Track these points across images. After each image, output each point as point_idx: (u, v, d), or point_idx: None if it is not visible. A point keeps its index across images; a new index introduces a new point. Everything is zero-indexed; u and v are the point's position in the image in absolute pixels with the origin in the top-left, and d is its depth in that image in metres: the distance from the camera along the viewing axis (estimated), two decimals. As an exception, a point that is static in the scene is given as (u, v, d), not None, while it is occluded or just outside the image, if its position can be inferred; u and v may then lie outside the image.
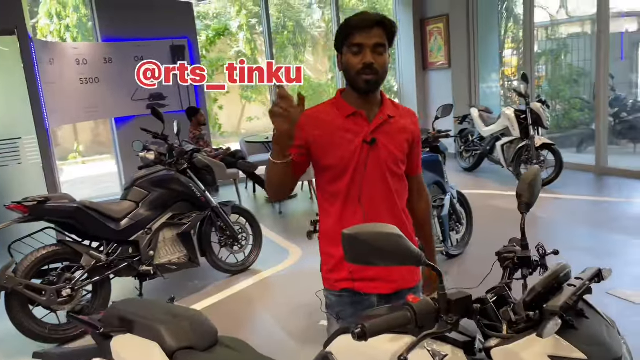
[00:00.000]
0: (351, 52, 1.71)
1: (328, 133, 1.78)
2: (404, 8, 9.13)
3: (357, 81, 1.73)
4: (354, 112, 1.78)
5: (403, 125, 1.84)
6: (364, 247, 1.21)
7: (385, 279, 1.81)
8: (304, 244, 5.30)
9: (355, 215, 1.80)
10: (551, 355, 1.15)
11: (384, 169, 1.79)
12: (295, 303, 4.01)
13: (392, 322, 1.21)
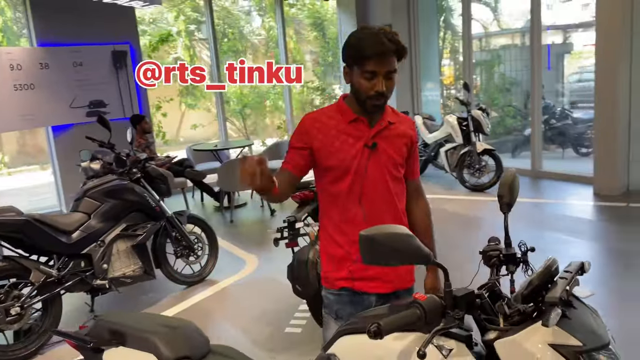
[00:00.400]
0: (364, 76, 1.74)
1: (331, 137, 1.85)
2: (348, 18, 9.31)
3: (366, 104, 1.79)
4: (356, 118, 1.85)
5: (402, 131, 1.92)
6: (380, 248, 1.25)
7: (384, 279, 1.88)
8: (260, 253, 5.28)
9: (356, 217, 1.87)
10: (551, 344, 1.23)
11: (384, 172, 1.87)
12: (257, 312, 3.98)
13: (405, 320, 1.25)
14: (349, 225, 1.87)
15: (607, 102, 6.02)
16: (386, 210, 1.88)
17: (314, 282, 3.18)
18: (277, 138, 9.93)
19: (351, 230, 1.85)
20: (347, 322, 1.58)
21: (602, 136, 6.20)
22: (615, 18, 5.79)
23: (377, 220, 1.76)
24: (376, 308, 1.59)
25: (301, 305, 4.00)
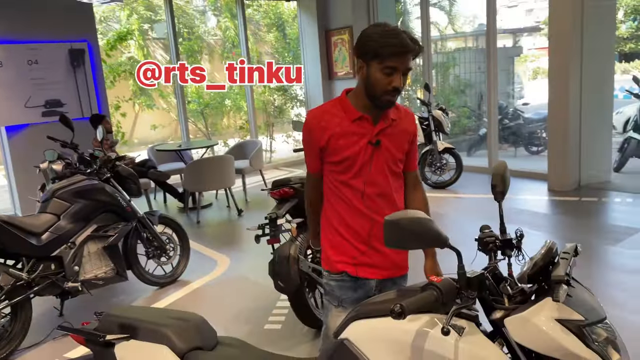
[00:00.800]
0: (383, 71, 1.80)
1: (335, 135, 1.92)
2: (309, 19, 9.38)
3: (381, 99, 1.85)
4: (360, 116, 1.92)
5: (404, 127, 2.01)
6: (404, 232, 1.32)
7: (381, 266, 1.99)
8: (231, 252, 5.26)
9: (358, 211, 1.96)
10: (557, 319, 1.33)
11: (385, 168, 1.95)
12: (234, 310, 3.97)
13: (424, 301, 1.33)
14: (352, 218, 1.97)
15: (560, 103, 6.35)
16: (385, 206, 1.96)
17: (295, 278, 3.23)
18: (239, 138, 9.87)
19: (354, 222, 1.97)
20: (357, 308, 1.63)
21: (555, 135, 6.54)
22: (566, 22, 6.12)
23: (381, 216, 1.82)
24: (384, 294, 1.66)
25: (279, 302, 4.03)
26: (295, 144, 10.40)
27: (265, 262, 4.87)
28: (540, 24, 24.35)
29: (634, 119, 7.82)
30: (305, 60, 9.70)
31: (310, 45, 9.47)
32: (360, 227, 1.97)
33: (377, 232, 1.92)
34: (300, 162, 9.94)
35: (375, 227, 1.93)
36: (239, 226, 6.31)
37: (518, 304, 1.46)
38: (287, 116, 10.23)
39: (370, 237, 1.96)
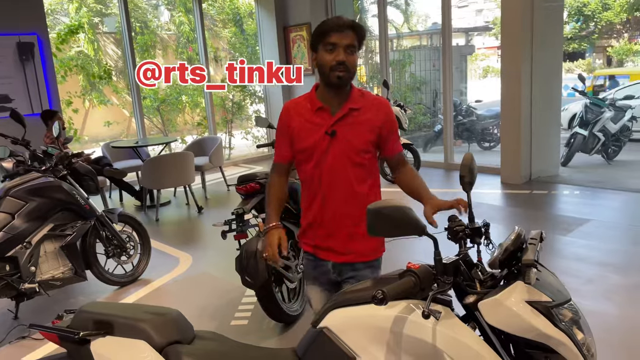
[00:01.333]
0: (326, 50, 1.92)
1: (300, 124, 2.05)
2: (267, 15, 9.35)
3: (330, 77, 1.94)
4: (320, 106, 2.02)
5: (368, 117, 2.02)
6: (385, 221, 1.36)
7: (338, 251, 2.08)
8: (193, 250, 5.20)
9: (316, 198, 2.07)
10: (527, 300, 1.41)
11: (344, 158, 1.99)
12: (199, 308, 3.93)
13: (403, 287, 1.37)
14: (312, 204, 2.09)
15: (512, 100, 6.60)
16: (343, 193, 2.02)
17: (263, 273, 3.23)
18: (197, 135, 9.72)
19: (314, 208, 2.09)
20: (334, 297, 1.67)
21: (507, 131, 6.79)
22: (517, 22, 6.36)
23: (334, 201, 2.03)
24: (361, 282, 1.69)
25: (244, 297, 4.03)
26: (256, 141, 10.35)
27: (228, 258, 4.87)
28: (490, 24, 25.19)
29: (579, 116, 8.22)
30: (264, 56, 9.66)
31: (269, 42, 9.44)
32: (318, 213, 2.08)
33: (332, 220, 2.05)
34: (260, 159, 9.91)
35: (330, 215, 2.04)
36: (200, 223, 6.23)
37: (489, 288, 1.53)
38: (246, 113, 10.16)
39: (326, 223, 2.07)
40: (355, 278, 2.05)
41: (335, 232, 2.06)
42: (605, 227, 5.02)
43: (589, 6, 22.83)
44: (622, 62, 22.32)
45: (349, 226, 2.05)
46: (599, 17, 23.01)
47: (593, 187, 6.62)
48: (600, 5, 22.70)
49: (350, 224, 2.05)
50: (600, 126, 8.11)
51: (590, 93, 10.11)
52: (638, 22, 23.66)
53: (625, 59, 21.85)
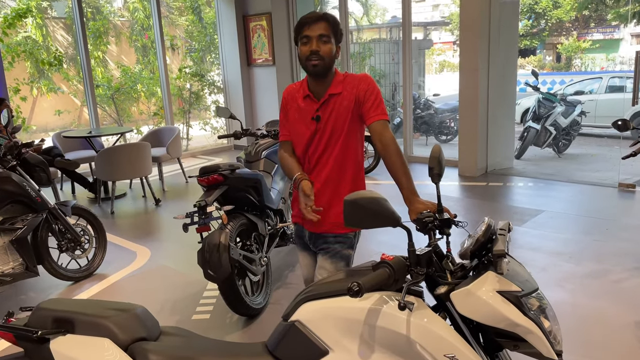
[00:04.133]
0: (302, 43, 2.10)
1: (293, 109, 2.26)
2: (226, 3, 9.16)
3: (307, 66, 2.12)
4: (307, 94, 2.20)
5: (347, 96, 2.14)
6: (361, 212, 1.34)
7: (316, 224, 2.20)
8: (151, 243, 5.06)
9: (308, 176, 2.21)
10: (498, 290, 1.43)
11: (331, 141, 2.16)
12: (158, 302, 3.84)
13: (378, 279, 1.37)
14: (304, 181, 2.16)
15: (470, 94, 6.74)
16: (334, 177, 2.19)
17: (226, 266, 3.17)
18: (152, 125, 9.45)
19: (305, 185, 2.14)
20: (305, 291, 1.64)
21: (465, 125, 6.93)
22: (476, 17, 6.48)
23: (325, 184, 2.18)
24: (332, 275, 1.68)
25: (205, 291, 3.96)
26: (214, 132, 10.17)
27: (187, 251, 4.78)
28: (446, 19, 25.63)
29: (532, 110, 8.49)
30: (223, 45, 9.48)
31: (228, 31, 9.27)
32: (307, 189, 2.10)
33: (316, 192, 2.17)
34: (220, 150, 9.75)
35: (316, 189, 2.18)
36: (158, 216, 6.08)
37: (459, 279, 1.54)
38: (204, 103, 9.96)
39: (313, 177, 2.22)
40: (325, 250, 2.21)
41: (322, 190, 2.20)
42: (558, 218, 5.21)
43: (540, 4, 23.57)
44: (570, 59, 23.20)
45: (329, 194, 2.20)
46: (549, 14, 23.80)
47: (545, 179, 6.86)
48: (550, 3, 23.48)
49: (330, 192, 2.19)
50: (552, 120, 8.41)
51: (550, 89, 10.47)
52: (586, 21, 24.64)
53: (573, 56, 22.71)
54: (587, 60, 22.01)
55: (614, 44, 24.90)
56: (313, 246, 2.29)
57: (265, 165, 4.07)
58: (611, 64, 21.08)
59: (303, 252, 2.39)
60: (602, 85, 11.70)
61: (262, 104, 9.04)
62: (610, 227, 4.83)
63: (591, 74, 13.79)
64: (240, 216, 3.53)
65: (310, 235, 2.28)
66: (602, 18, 24.93)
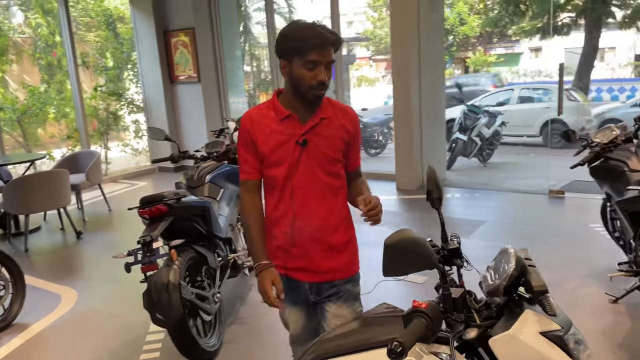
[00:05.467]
0: (305, 67, 1.76)
1: (265, 135, 1.86)
2: (144, 17, 8.65)
3: (308, 95, 1.80)
4: (287, 115, 1.85)
5: (338, 124, 1.90)
6: (402, 256, 1.13)
7: (315, 270, 1.90)
8: (76, 283, 4.52)
9: (288, 212, 1.89)
10: (541, 332, 1.26)
11: (316, 169, 1.86)
12: (95, 351, 3.38)
13: (418, 332, 1.15)
14: (282, 218, 1.90)
15: (404, 108, 6.77)
16: (318, 207, 1.88)
17: (177, 307, 2.83)
18: (66, 149, 8.67)
19: (283, 223, 1.90)
20: (313, 349, 1.39)
21: (401, 139, 6.95)
22: (407, 34, 6.53)
23: (308, 216, 1.87)
24: (343, 325, 1.44)
25: (148, 335, 3.54)
26: (135, 153, 9.52)
27: (121, 289, 4.30)
28: (361, 35, 26.27)
29: (459, 122, 8.73)
30: (142, 62, 8.93)
31: (147, 47, 8.75)
32: (287, 226, 1.89)
33: (302, 233, 1.87)
34: (142, 174, 9.14)
35: (301, 227, 1.87)
36: (81, 251, 5.48)
37: (486, 318, 1.36)
38: (122, 123, 9.31)
39: (294, 238, 1.88)
40: (337, 295, 1.90)
41: (310, 250, 1.88)
42: (499, 228, 5.29)
43: (448, 20, 24.80)
44: (478, 72, 24.54)
45: (326, 242, 1.89)
46: (456, 31, 25.09)
47: (478, 188, 7.02)
48: (457, 20, 24.76)
49: (327, 240, 1.89)
50: (477, 131, 8.70)
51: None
52: (490, 36, 26.23)
53: (481, 69, 24.04)
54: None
55: (515, 57, 26.75)
56: (317, 295, 1.94)
57: (210, 191, 3.74)
58: (515, 77, 22.53)
59: (293, 307, 1.98)
60: (514, 96, 12.36)
61: (189, 123, 8.58)
62: (551, 234, 4.96)
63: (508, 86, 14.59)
64: (188, 249, 3.18)
65: (311, 286, 1.93)
66: (504, 34, 26.73)
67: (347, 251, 1.94)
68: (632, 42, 21.24)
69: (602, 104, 13.14)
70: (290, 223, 1.87)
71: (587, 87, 14.03)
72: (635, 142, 3.48)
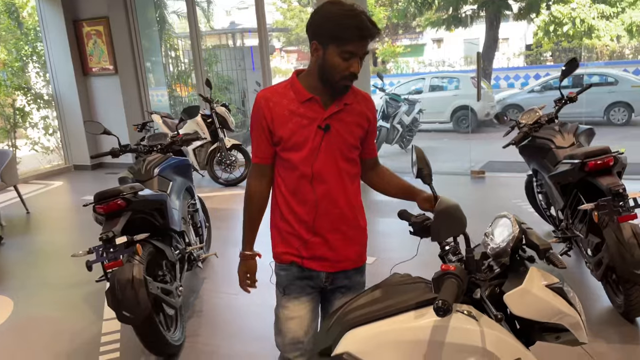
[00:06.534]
0: (342, 56, 1.68)
1: (284, 117, 1.77)
2: (51, 7, 8.05)
3: (338, 84, 1.74)
4: (310, 97, 1.77)
5: (359, 111, 1.85)
6: (449, 221, 1.22)
7: (332, 259, 1.86)
8: (9, 291, 4.20)
9: (307, 199, 1.82)
10: (546, 285, 1.42)
11: (337, 154, 1.80)
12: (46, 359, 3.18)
13: (454, 291, 1.26)
14: (300, 205, 1.83)
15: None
16: (338, 193, 1.83)
17: (145, 303, 2.75)
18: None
19: (301, 210, 1.83)
20: (338, 318, 1.46)
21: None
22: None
23: (329, 203, 1.82)
24: (366, 295, 1.51)
25: (102, 336, 3.39)
26: (46, 152, 8.87)
27: (60, 293, 4.06)
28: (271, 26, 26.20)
29: (381, 110, 9.05)
30: (51, 54, 8.33)
31: (56, 37, 8.17)
32: (306, 214, 1.83)
33: (322, 220, 1.82)
34: (57, 173, 8.57)
35: (322, 214, 1.81)
36: (5, 256, 5.07)
37: (493, 278, 1.50)
38: (30, 119, 8.62)
39: (315, 225, 1.82)
40: (347, 287, 1.91)
41: (329, 238, 1.84)
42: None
43: (357, 13, 25.42)
44: (386, 62, 25.43)
45: (344, 230, 1.85)
46: (364, 22, 25.80)
47: (403, 172, 7.34)
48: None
49: (346, 228, 1.86)
50: (398, 119, 9.08)
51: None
52: (395, 28, 27.25)
53: (389, 59, 24.94)
54: (402, 64, 24.35)
55: (419, 48, 28.04)
56: (331, 284, 1.89)
57: (159, 184, 3.62)
58: (421, 67, 23.62)
59: (299, 297, 1.88)
60: (425, 84, 13.01)
61: (106, 117, 8.14)
62: (477, 211, 5.33)
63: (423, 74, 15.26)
64: (147, 244, 3.09)
65: (328, 276, 1.87)
66: (408, 25, 27.88)
67: (361, 240, 1.94)
68: (523, 33, 23.10)
69: (501, 91, 14.19)
70: (310, 211, 1.81)
71: (489, 75, 15.07)
72: (557, 122, 3.86)
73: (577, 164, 3.14)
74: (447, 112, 12.08)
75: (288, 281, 1.89)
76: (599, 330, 3.00)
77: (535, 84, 12.89)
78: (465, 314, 1.36)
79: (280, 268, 1.91)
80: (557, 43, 17.99)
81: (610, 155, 3.06)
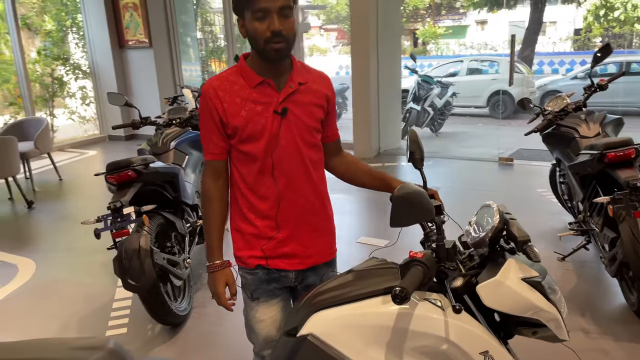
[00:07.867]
0: (256, 18, 1.53)
1: (236, 105, 1.62)
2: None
3: (266, 50, 1.56)
4: (261, 81, 1.62)
5: (316, 90, 1.71)
6: (409, 208, 1.20)
7: (301, 255, 1.73)
8: (33, 254, 4.38)
9: (269, 193, 1.68)
10: (522, 278, 1.38)
11: (297, 140, 1.67)
12: (59, 321, 3.32)
13: (418, 279, 1.23)
14: (262, 201, 1.69)
15: (362, 78, 6.83)
16: (302, 182, 1.70)
17: (150, 273, 2.82)
18: (9, 116, 8.21)
19: (264, 206, 1.69)
20: (309, 300, 1.46)
21: (359, 108, 7.03)
22: (367, 3, 6.55)
23: (294, 194, 1.68)
24: (337, 278, 1.50)
25: (114, 302, 3.52)
26: (82, 121, 9.15)
27: (81, 258, 4.22)
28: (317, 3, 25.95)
29: (412, 92, 8.89)
30: (89, 25, 8.52)
31: (93, 9, 8.35)
32: (268, 209, 1.69)
33: (287, 213, 1.69)
34: (92, 142, 8.84)
35: (286, 206, 1.68)
36: (34, 221, 5.30)
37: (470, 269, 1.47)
38: (69, 89, 8.88)
39: (279, 220, 1.69)
40: (317, 283, 1.72)
41: (296, 232, 1.71)
42: (455, 193, 5.51)
43: (399, -9, 24.90)
44: (426, 44, 24.89)
45: (312, 222, 1.73)
46: (406, 2, 25.25)
47: (431, 157, 7.24)
48: (407, -9, 24.90)
49: (315, 219, 1.74)
50: (429, 102, 8.90)
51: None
52: (438, 8, 26.59)
53: (429, 40, 24.38)
54: (442, 45, 23.77)
55: (462, 30, 27.26)
56: (300, 283, 1.77)
57: (175, 157, 3.69)
58: (462, 49, 23.01)
59: (269, 300, 1.75)
60: (463, 67, 12.66)
61: (140, 90, 8.32)
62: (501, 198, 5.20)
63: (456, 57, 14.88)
64: (157, 215, 3.16)
65: (297, 275, 1.75)
66: (452, 6, 27.14)
67: (329, 230, 1.82)
68: (572, 16, 22.13)
69: (543, 77, 13.69)
70: (273, 205, 1.68)
71: (531, 59, 14.56)
72: (585, 110, 3.70)
73: (596, 155, 3.00)
74: (484, 97, 11.75)
75: (255, 285, 1.75)
76: (608, 327, 2.91)
77: (580, 70, 12.36)
78: (432, 302, 1.33)
79: (245, 271, 1.77)
80: (607, 29, 17.18)
81: (632, 147, 2.92)
